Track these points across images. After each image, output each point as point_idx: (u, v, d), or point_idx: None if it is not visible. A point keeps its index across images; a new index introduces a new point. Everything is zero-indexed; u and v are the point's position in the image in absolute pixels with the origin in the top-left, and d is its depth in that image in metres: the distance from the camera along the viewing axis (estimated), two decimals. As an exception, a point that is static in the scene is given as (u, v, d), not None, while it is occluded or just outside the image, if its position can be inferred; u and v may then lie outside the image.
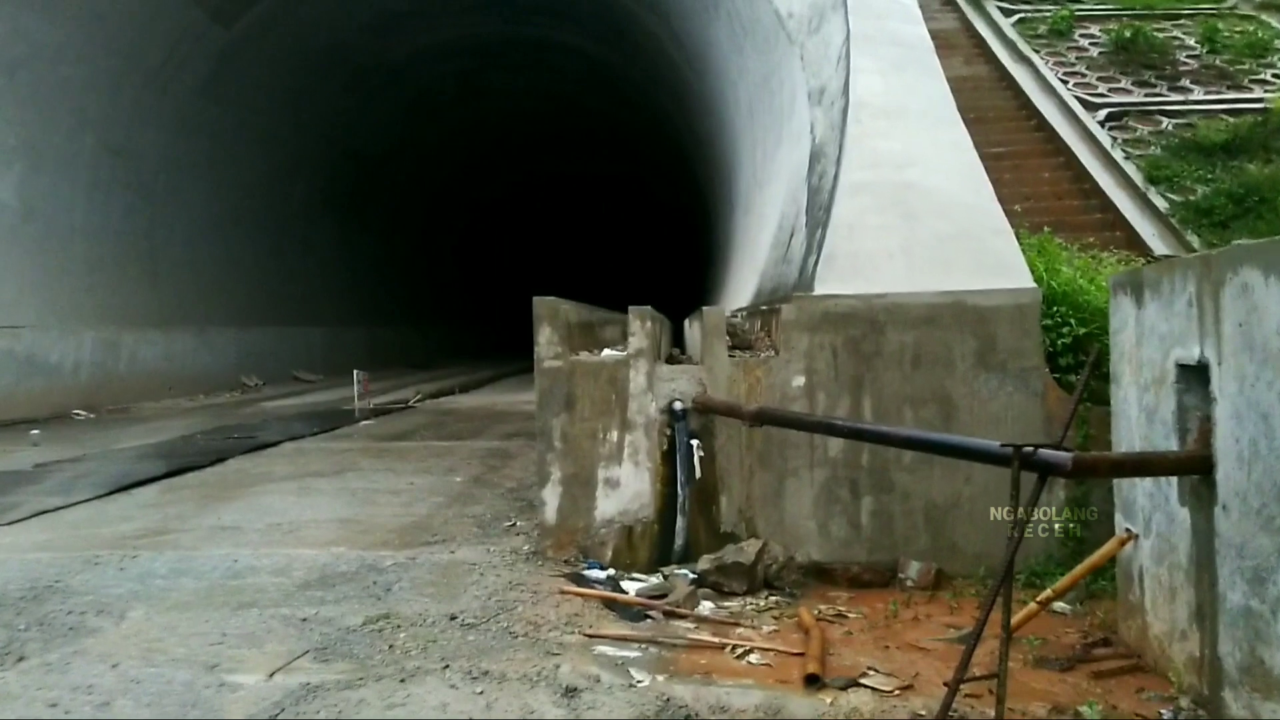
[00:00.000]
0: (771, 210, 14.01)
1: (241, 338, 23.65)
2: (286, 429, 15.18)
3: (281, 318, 25.55)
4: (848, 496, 7.12)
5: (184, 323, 21.72)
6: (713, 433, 7.17)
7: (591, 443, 7.19)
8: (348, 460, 11.90)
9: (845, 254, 7.42)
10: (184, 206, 22.33)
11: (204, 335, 22.28)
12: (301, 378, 25.64)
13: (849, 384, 7.10)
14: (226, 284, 23.65)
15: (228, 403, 20.53)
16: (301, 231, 27.25)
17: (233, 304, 23.65)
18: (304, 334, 26.50)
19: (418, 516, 8.58)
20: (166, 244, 21.85)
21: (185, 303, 21.98)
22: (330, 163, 28.01)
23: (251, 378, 23.70)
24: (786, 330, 7.14)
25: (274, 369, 24.74)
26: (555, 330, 7.17)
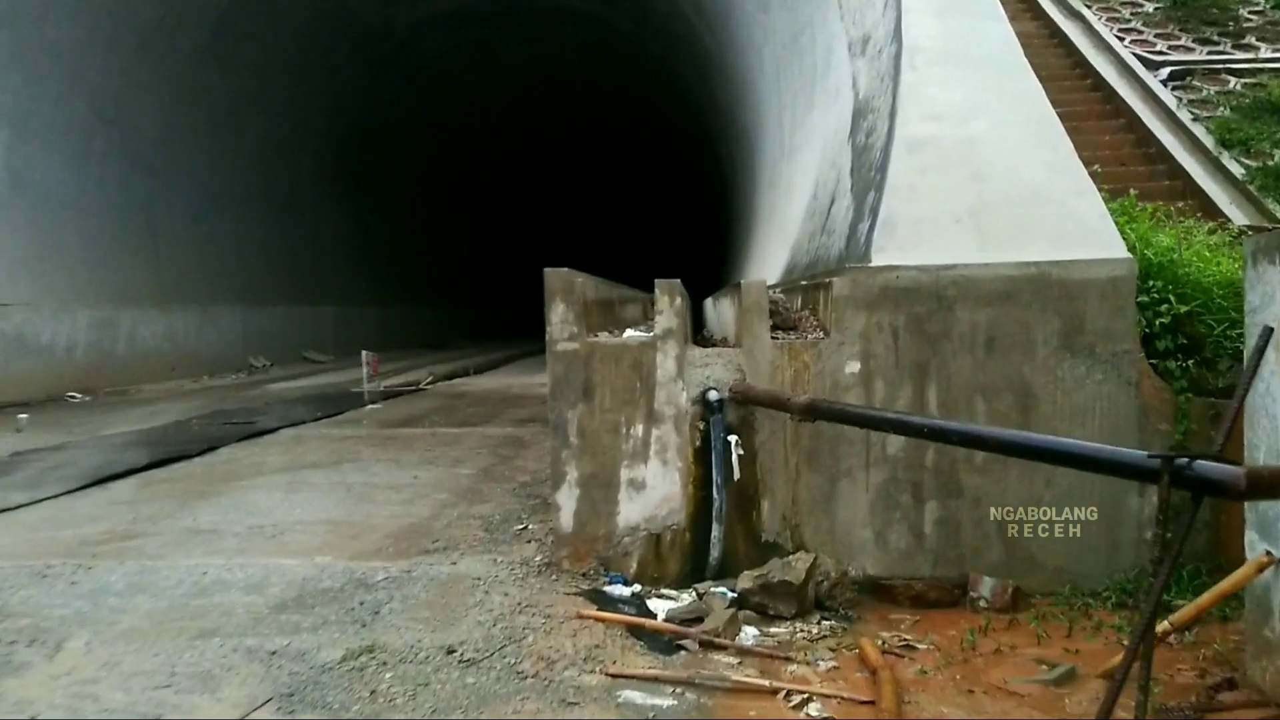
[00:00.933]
0: (802, 179, 12.95)
1: (248, 317, 22.74)
2: (287, 413, 14.25)
3: (290, 296, 24.63)
4: (909, 501, 6.11)
5: (186, 301, 20.81)
6: (753, 427, 6.16)
7: (613, 438, 6.20)
8: (348, 450, 10.94)
9: (906, 219, 6.38)
10: (185, 179, 21.38)
11: (208, 314, 21.38)
12: (311, 358, 24.74)
13: (911, 371, 6.08)
14: (232, 261, 22.72)
15: (232, 384, 19.63)
16: (310, 207, 26.28)
17: (239, 282, 22.73)
18: (314, 313, 25.58)
19: (418, 518, 7.61)
20: (167, 218, 20.91)
21: (188, 280, 21.07)
22: (339, 135, 26.99)
23: (259, 358, 22.81)
24: (838, 308, 6.12)
25: (283, 349, 23.84)
26: (570, 307, 6.17)
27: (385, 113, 28.54)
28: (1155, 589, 3.38)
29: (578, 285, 6.19)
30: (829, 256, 8.19)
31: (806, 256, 10.09)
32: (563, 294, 6.17)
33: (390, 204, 31.31)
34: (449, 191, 35.98)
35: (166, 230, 20.87)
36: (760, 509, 6.18)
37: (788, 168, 15.47)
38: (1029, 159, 6.70)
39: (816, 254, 9.14)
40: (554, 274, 6.20)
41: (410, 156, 31.57)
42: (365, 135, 28.30)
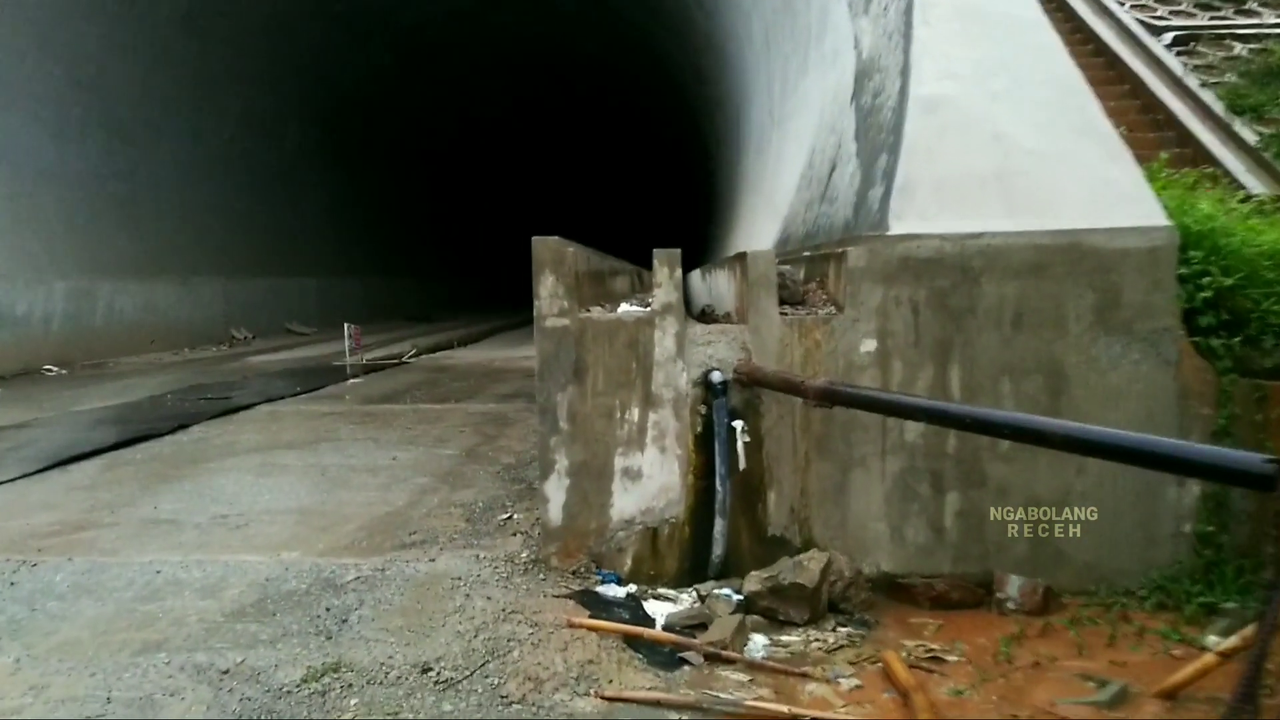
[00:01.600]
0: (795, 147, 12.23)
1: (230, 288, 21.89)
2: (266, 388, 13.50)
3: (274, 268, 23.77)
4: (928, 492, 5.45)
5: (166, 272, 19.95)
6: (759, 411, 5.48)
7: (606, 423, 5.51)
8: (326, 428, 10.22)
9: (926, 183, 5.68)
10: (166, 149, 20.47)
11: (188, 285, 20.52)
12: (294, 330, 23.94)
13: (933, 350, 5.40)
14: (214, 232, 21.84)
15: (213, 357, 18.82)
16: (295, 177, 25.37)
17: (220, 253, 21.87)
18: (298, 285, 24.74)
19: (395, 505, 6.92)
20: (147, 188, 20.01)
21: (168, 251, 20.21)
22: (323, 106, 26.04)
23: (241, 330, 22.00)
24: (853, 281, 5.43)
25: (266, 321, 23.03)
26: (560, 280, 5.46)
27: (369, 83, 27.57)
28: (1273, 613, 2.74)
29: (568, 256, 5.48)
30: (832, 225, 7.49)
31: (803, 226, 9.40)
32: (552, 265, 5.46)
33: (375, 175, 30.39)
34: (435, 164, 35.06)
35: (147, 200, 19.98)
36: (766, 501, 5.51)
37: (778, 136, 14.73)
38: (1055, 119, 6.01)
39: (816, 223, 8.45)
40: (543, 243, 5.48)
41: (395, 127, 30.62)
42: (349, 105, 27.35)
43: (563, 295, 5.47)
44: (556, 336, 5.48)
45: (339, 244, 27.47)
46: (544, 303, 5.46)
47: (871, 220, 5.95)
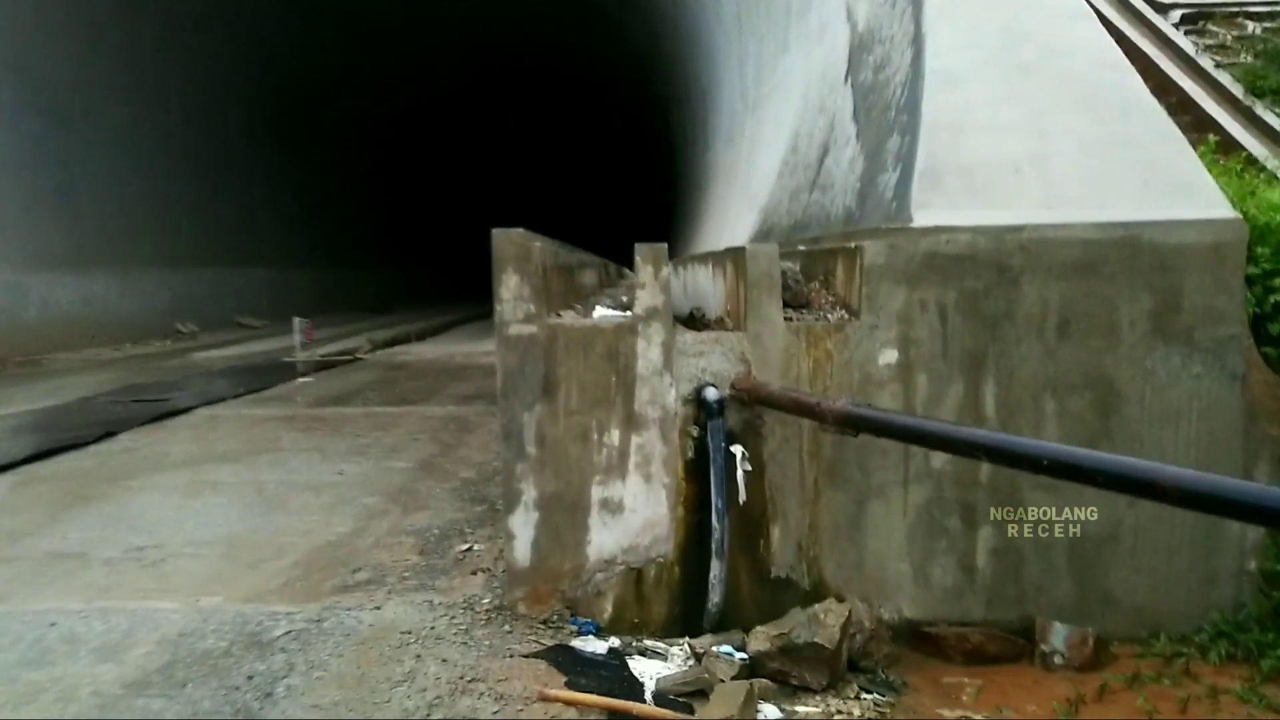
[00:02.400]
0: (773, 131, 11.42)
1: (174, 280, 20.70)
2: (207, 389, 12.48)
3: (221, 258, 22.59)
4: (958, 526, 4.66)
5: (106, 264, 18.74)
6: (760, 433, 4.65)
7: (582, 448, 4.66)
8: (268, 435, 9.27)
9: (953, 168, 4.88)
10: (105, 135, 19.24)
11: (129, 278, 19.32)
12: (244, 323, 22.80)
13: (963, 361, 4.61)
14: (156, 221, 20.62)
15: (155, 353, 17.70)
16: (242, 164, 24.16)
17: (164, 243, 20.67)
18: (246, 276, 23.55)
19: (339, 533, 6.02)
20: (85, 176, 18.78)
21: (108, 242, 19.00)
22: (271, 91, 24.83)
23: (186, 324, 20.83)
24: (871, 281, 4.61)
25: (213, 314, 21.86)
26: (526, 280, 4.59)
27: (319, 66, 26.38)
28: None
29: (535, 252, 4.61)
30: (828, 216, 6.68)
31: (789, 217, 8.59)
32: (516, 263, 4.59)
33: (329, 163, 29.20)
34: (389, 149, 33.89)
35: (85, 188, 18.75)
36: (769, 537, 4.69)
37: (752, 121, 13.91)
38: (1094, 94, 5.23)
39: (806, 213, 7.63)
40: (505, 237, 4.61)
41: (347, 112, 29.46)
42: (299, 90, 26.15)
43: (529, 297, 4.60)
44: (522, 346, 4.62)
45: (291, 233, 26.28)
46: (507, 307, 4.60)
47: (885, 210, 5.14)
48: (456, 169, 41.30)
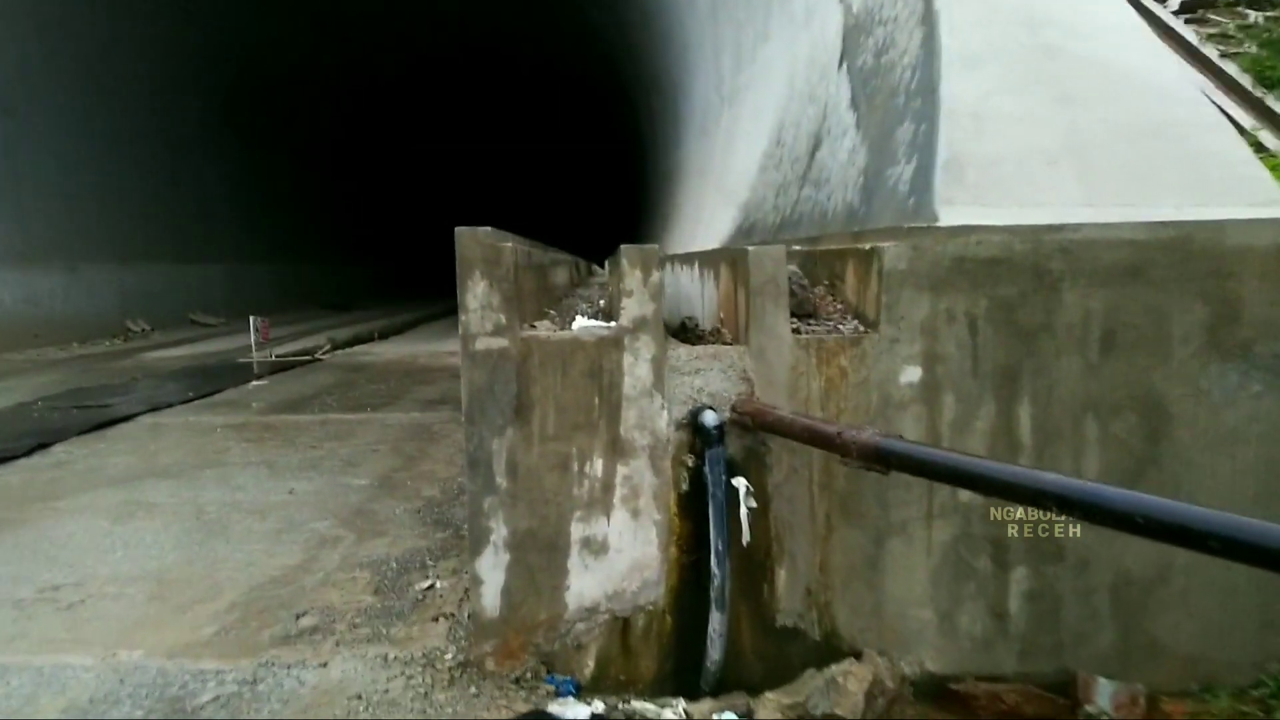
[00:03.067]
0: (752, 125, 10.82)
1: (125, 276, 19.75)
2: (154, 393, 11.68)
3: (176, 253, 21.64)
4: (988, 567, 4.07)
5: (51, 259, 17.79)
6: (764, 462, 4.03)
7: (560, 479, 4.01)
8: (215, 446, 8.54)
9: (978, 160, 4.28)
10: (53, 124, 18.28)
11: (77, 274, 18.38)
12: (200, 321, 21.89)
13: (995, 380, 4.01)
14: (107, 215, 19.67)
15: (104, 353, 16.81)
16: (198, 157, 23.20)
17: (115, 237, 19.71)
18: (202, 272, 22.60)
19: (284, 566, 5.34)
20: (32, 168, 17.82)
21: (54, 236, 18.04)
22: (229, 81, 23.87)
23: (138, 322, 19.90)
24: (891, 288, 4.00)
25: (167, 311, 20.93)
26: (495, 286, 3.94)
27: (278, 55, 25.44)
28: None
29: (506, 254, 3.96)
30: (824, 213, 6.08)
31: (774, 214, 7.98)
32: (484, 266, 3.94)
33: (290, 156, 28.24)
34: (352, 144, 32.95)
35: (32, 180, 17.80)
36: (774, 580, 4.07)
37: (729, 114, 13.30)
38: (1132, 78, 4.65)
39: (797, 210, 7.03)
40: (471, 237, 3.95)
41: (309, 103, 28.50)
42: (258, 79, 25.20)
43: (498, 306, 3.95)
44: (491, 363, 3.96)
45: (249, 227, 25.32)
46: (473, 317, 3.94)
47: (899, 207, 4.54)
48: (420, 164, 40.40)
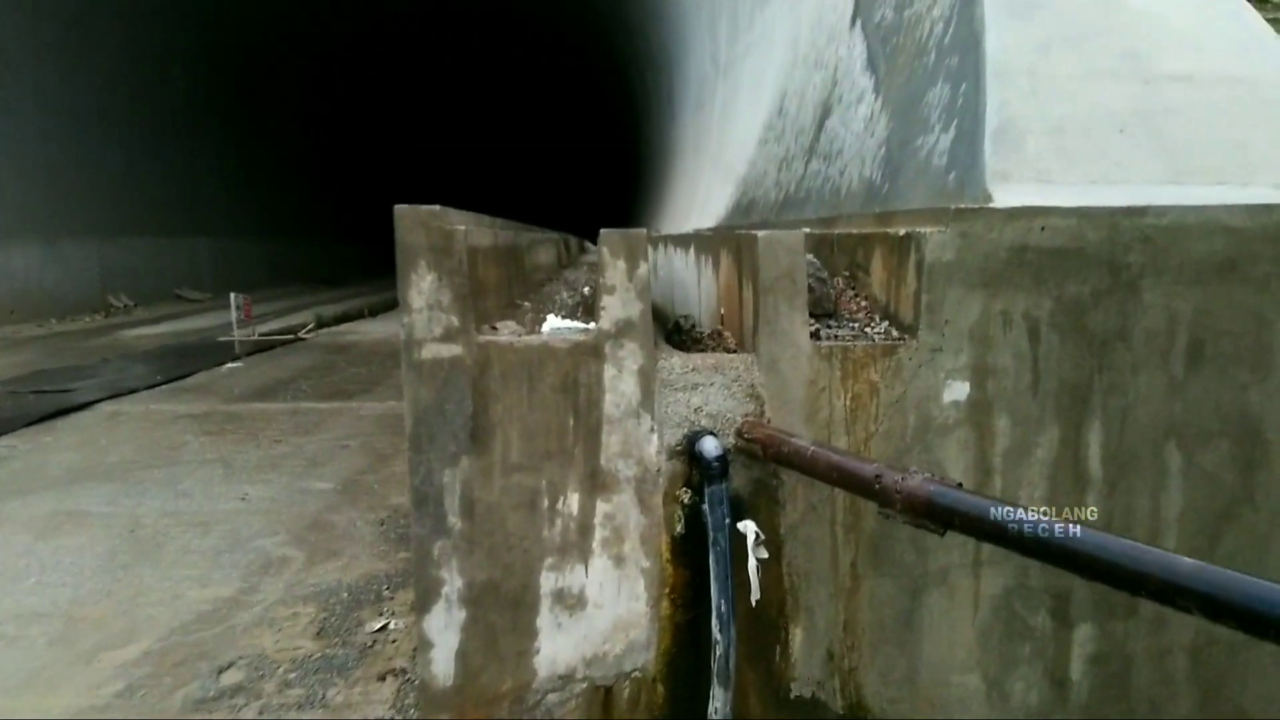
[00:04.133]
0: (753, 94, 9.94)
1: (106, 251, 18.82)
2: (121, 377, 10.85)
3: (160, 227, 20.68)
4: (1046, 625, 3.28)
5: (26, 233, 16.85)
6: (776, 498, 3.22)
7: (527, 518, 3.20)
8: (171, 441, 7.73)
9: (1040, 125, 3.45)
10: (29, 96, 17.28)
11: (54, 248, 17.45)
12: (185, 297, 21.01)
13: (1060, 398, 3.20)
14: (88, 188, 18.68)
15: (82, 330, 15.97)
16: (184, 129, 22.17)
17: (95, 211, 18.75)
18: (188, 246, 21.67)
19: (217, 600, 4.54)
20: (9, 139, 16.85)
21: (29, 209, 17.09)
22: (214, 52, 22.80)
23: (121, 298, 19.02)
24: (935, 284, 3.17)
25: (152, 287, 20.04)
26: (445, 279, 3.11)
27: (266, 31, 24.36)
28: None
29: (457, 239, 3.12)
30: (838, 190, 5.25)
31: (776, 191, 7.15)
32: (432, 256, 3.11)
33: (278, 130, 27.18)
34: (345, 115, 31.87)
35: (7, 152, 16.82)
36: (788, 641, 3.28)
37: (725, 85, 12.39)
38: (1209, 25, 3.82)
39: (803, 187, 6.20)
40: (414, 217, 3.12)
41: (300, 75, 27.42)
42: (247, 55, 24.15)
43: (449, 305, 3.12)
44: (440, 375, 3.14)
45: (238, 201, 24.33)
46: (418, 319, 3.12)
47: (935, 183, 3.71)
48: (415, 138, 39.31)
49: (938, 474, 2.50)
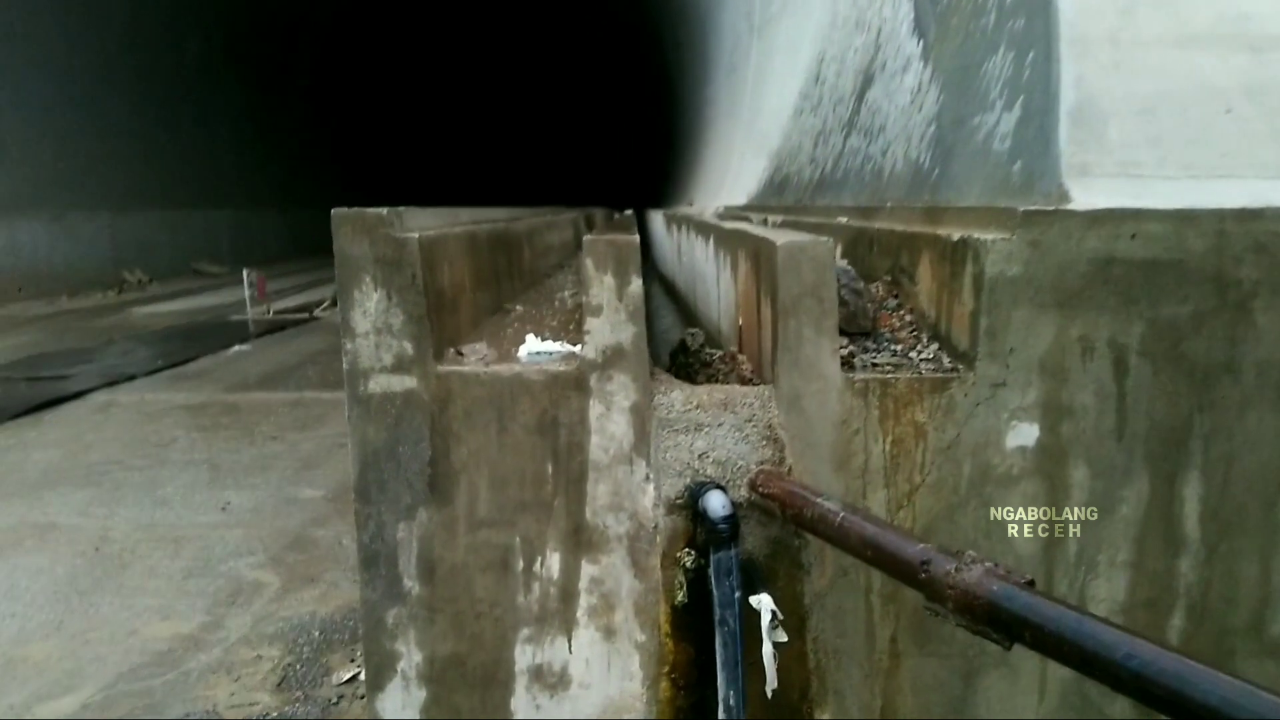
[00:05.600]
0: (788, 59, 9.32)
1: (119, 224, 18.53)
2: (121, 361, 10.52)
3: (175, 199, 20.37)
4: (1126, 717, 2.74)
5: (36, 207, 16.60)
6: (798, 559, 2.70)
7: (498, 581, 2.71)
8: (159, 437, 7.34)
9: (1127, 106, 2.86)
10: (37, 63, 16.96)
11: (64, 222, 17.17)
12: (203, 271, 20.72)
13: (1151, 444, 2.64)
14: (100, 159, 18.39)
15: (91, 308, 15.70)
16: (200, 96, 21.80)
17: (108, 183, 18.46)
18: (205, 218, 21.35)
19: (174, 637, 4.11)
20: (15, 108, 16.55)
21: (40, 183, 16.83)
22: (231, 14, 22.35)
23: (135, 272, 18.76)
24: (997, 303, 2.61)
25: (168, 261, 19.76)
26: (397, 296, 2.62)
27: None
28: None
29: (411, 250, 2.61)
30: (879, 173, 4.68)
31: (811, 167, 6.58)
32: (378, 268, 2.61)
33: (300, 96, 26.75)
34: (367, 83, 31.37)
35: (15, 123, 16.54)
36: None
37: (759, 46, 11.74)
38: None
39: (841, 165, 5.63)
40: (357, 224, 2.62)
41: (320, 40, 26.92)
42: (267, 18, 23.68)
43: (400, 328, 2.62)
44: (392, 412, 2.66)
45: (258, 172, 23.98)
46: (363, 345, 2.63)
47: (998, 173, 3.14)
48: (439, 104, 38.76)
49: (1004, 563, 1.96)
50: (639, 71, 32.05)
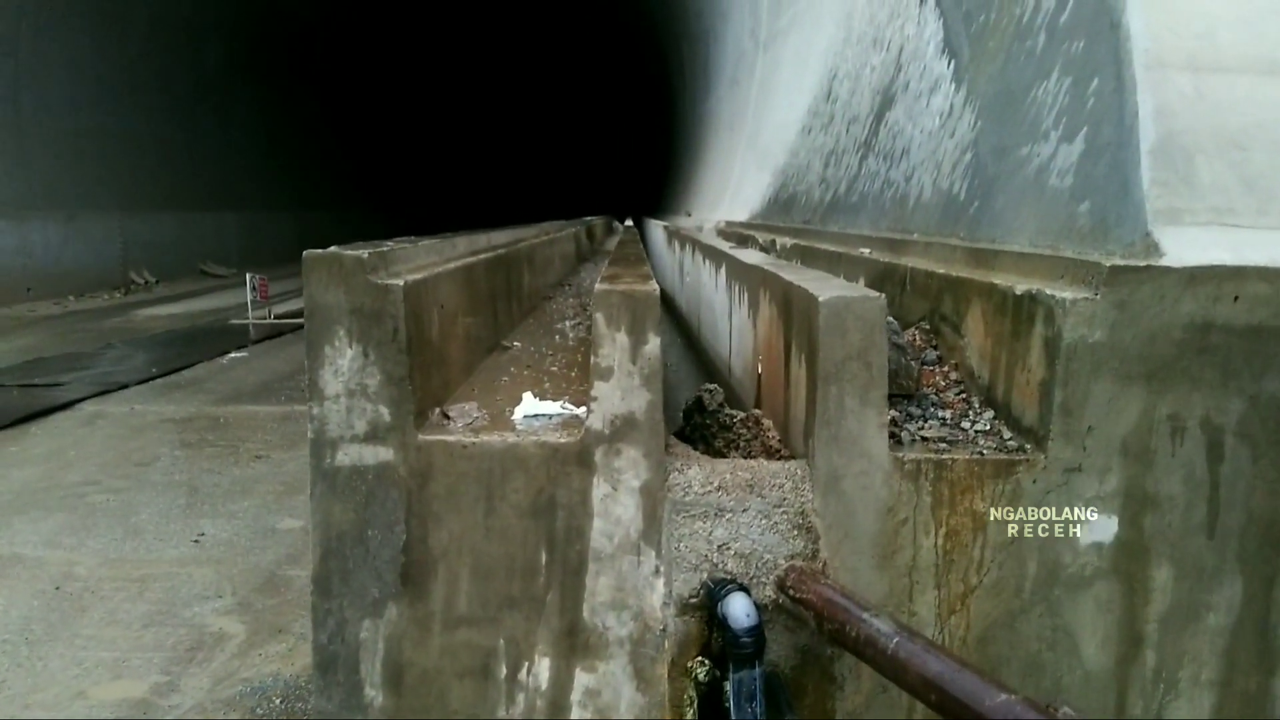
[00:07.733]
0: (796, 73, 8.84)
1: (129, 225, 17.94)
2: (116, 368, 10.01)
3: (186, 201, 19.80)
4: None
5: (47, 208, 16.02)
6: (832, 674, 2.22)
7: (477, 690, 2.23)
8: (142, 454, 6.84)
9: (1216, 141, 2.38)
10: (59, 64, 16.41)
11: (75, 223, 16.59)
12: (210, 272, 20.19)
13: (1246, 539, 2.16)
14: (114, 161, 17.80)
15: (98, 309, 15.18)
16: (217, 101, 21.21)
17: (121, 184, 17.88)
18: (215, 220, 20.77)
19: (123, 700, 3.60)
20: (38, 110, 16.03)
21: (53, 183, 16.27)
22: (251, 22, 21.79)
23: (143, 274, 18.23)
24: (1076, 374, 2.14)
25: (176, 262, 19.18)
26: (375, 353, 2.14)
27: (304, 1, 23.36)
28: None
29: (394, 298, 2.13)
30: (903, 201, 4.21)
31: (823, 190, 6.11)
32: (355, 321, 2.13)
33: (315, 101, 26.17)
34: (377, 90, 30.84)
35: (37, 124, 16.00)
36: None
37: (765, 61, 11.26)
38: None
39: (856, 189, 5.16)
40: (328, 267, 2.14)
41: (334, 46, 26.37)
42: (285, 25, 23.15)
43: (378, 390, 2.15)
44: (362, 489, 2.18)
45: (270, 174, 23.40)
46: (332, 411, 2.15)
47: (1056, 210, 2.66)
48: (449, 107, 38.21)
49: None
50: (640, 79, 31.57)
